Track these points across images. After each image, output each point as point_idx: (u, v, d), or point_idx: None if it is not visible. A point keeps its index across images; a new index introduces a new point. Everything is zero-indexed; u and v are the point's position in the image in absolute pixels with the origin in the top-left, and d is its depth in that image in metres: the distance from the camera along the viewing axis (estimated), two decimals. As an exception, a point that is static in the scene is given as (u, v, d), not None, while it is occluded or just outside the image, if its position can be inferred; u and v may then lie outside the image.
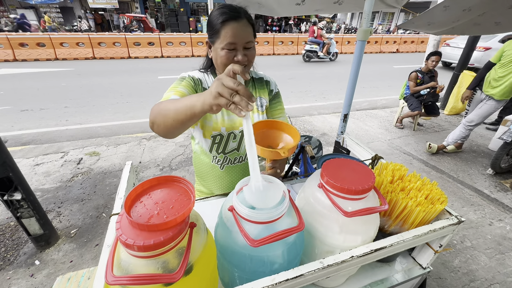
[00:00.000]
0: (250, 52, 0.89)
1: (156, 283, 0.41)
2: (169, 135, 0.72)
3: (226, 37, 0.83)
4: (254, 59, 0.93)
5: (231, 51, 0.85)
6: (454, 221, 0.69)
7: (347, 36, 12.27)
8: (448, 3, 2.90)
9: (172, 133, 0.70)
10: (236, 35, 0.83)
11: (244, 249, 0.53)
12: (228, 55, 0.85)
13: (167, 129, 0.68)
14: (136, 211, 0.47)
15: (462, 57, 4.70)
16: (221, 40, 0.84)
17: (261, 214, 0.50)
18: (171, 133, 0.70)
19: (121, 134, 3.88)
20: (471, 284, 1.71)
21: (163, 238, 0.43)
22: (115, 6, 14.79)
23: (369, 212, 0.56)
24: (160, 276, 0.42)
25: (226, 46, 0.84)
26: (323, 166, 0.64)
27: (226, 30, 0.82)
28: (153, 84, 6.46)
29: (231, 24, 0.82)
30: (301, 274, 0.53)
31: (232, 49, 0.85)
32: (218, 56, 0.88)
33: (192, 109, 0.59)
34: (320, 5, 2.07)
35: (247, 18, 0.86)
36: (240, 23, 0.83)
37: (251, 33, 0.87)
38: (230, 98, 0.52)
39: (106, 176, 2.79)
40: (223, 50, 0.85)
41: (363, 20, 1.06)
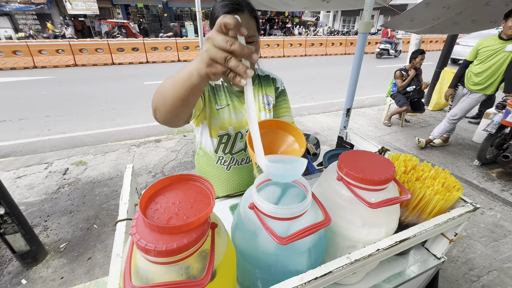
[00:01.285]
0: (253, 47, 0.86)
1: (182, 290, 0.37)
2: (173, 120, 0.62)
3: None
4: (257, 54, 0.90)
5: None
6: (470, 208, 0.68)
7: (331, 38, 12.55)
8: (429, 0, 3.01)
9: (175, 117, 0.60)
10: None
11: (269, 249, 0.49)
12: None
13: (168, 112, 0.58)
14: (151, 213, 0.43)
15: (442, 55, 4.90)
16: None
17: (286, 209, 0.47)
18: (174, 116, 0.60)
19: (108, 142, 3.73)
20: (471, 273, 1.74)
21: (186, 240, 0.39)
22: (95, 12, 14.41)
23: (393, 202, 0.55)
24: (186, 283, 0.38)
25: None
26: (340, 158, 0.62)
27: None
28: (139, 90, 6.30)
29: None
30: (329, 271, 0.50)
31: None
32: None
33: (190, 79, 0.49)
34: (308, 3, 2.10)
35: (250, 11, 0.83)
36: (242, 16, 0.80)
37: (254, 26, 0.84)
38: (225, 64, 0.41)
39: (95, 186, 2.66)
40: None
41: (365, 13, 1.07)
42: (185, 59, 9.98)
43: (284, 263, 0.50)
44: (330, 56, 12.10)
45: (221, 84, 0.96)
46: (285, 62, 10.17)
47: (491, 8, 3.15)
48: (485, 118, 3.38)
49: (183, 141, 3.69)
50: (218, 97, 0.95)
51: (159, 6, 16.75)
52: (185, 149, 3.48)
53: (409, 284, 0.80)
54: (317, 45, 11.99)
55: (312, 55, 11.91)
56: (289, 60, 10.85)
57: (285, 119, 1.01)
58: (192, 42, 10.05)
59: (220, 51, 0.41)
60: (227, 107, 0.94)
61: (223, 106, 0.94)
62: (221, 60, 0.41)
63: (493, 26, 3.69)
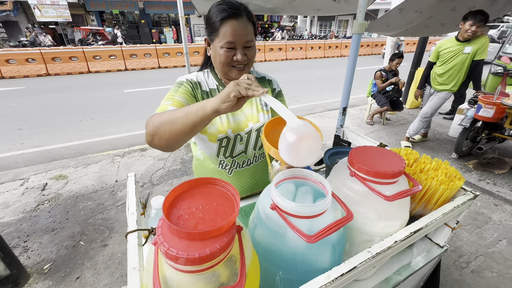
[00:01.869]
0: (250, 51, 0.85)
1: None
2: (172, 145, 0.69)
3: (225, 36, 0.79)
4: (254, 58, 0.89)
5: (231, 50, 0.81)
6: (471, 196, 0.72)
7: (310, 42, 12.91)
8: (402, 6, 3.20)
9: (177, 142, 0.68)
10: (236, 34, 0.78)
11: (295, 248, 0.49)
12: (227, 54, 0.82)
13: (172, 138, 0.66)
14: (175, 219, 0.41)
15: (415, 56, 5.19)
16: (220, 38, 0.80)
17: (310, 207, 0.47)
18: (176, 141, 0.68)
19: (89, 153, 3.55)
20: (460, 260, 1.83)
21: (219, 245, 0.37)
22: (67, 19, 13.81)
23: (407, 194, 0.56)
24: (222, 290, 0.36)
25: (225, 45, 0.80)
26: (351, 155, 0.63)
27: (226, 29, 0.78)
28: (119, 98, 6.09)
29: (231, 22, 0.78)
30: (354, 267, 0.50)
31: (231, 48, 0.81)
32: (217, 55, 0.84)
33: (204, 108, 0.62)
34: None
35: (248, 16, 0.82)
36: (240, 21, 0.79)
37: (251, 31, 0.83)
38: (247, 86, 0.59)
39: (79, 200, 2.51)
40: (222, 49, 0.81)
41: (358, 14, 1.11)
42: (165, 66, 9.79)
43: (310, 261, 0.49)
44: (310, 59, 12.43)
45: (216, 88, 0.94)
46: (267, 66, 10.30)
47: (457, 13, 3.41)
48: (459, 113, 3.60)
49: (170, 149, 3.60)
50: None
51: (135, 12, 16.39)
52: (172, 156, 3.39)
53: (416, 274, 0.82)
54: (297, 49, 12.27)
55: (293, 59, 12.16)
56: (270, 64, 11.00)
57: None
58: (173, 49, 9.90)
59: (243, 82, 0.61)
60: None
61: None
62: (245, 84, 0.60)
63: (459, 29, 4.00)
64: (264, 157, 1.05)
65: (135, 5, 15.34)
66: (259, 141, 0.98)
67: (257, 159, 1.01)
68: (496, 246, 1.95)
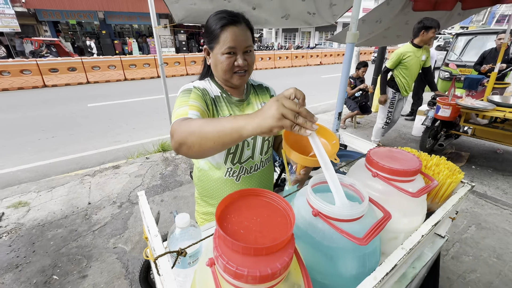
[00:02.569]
0: (250, 56, 0.88)
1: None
2: (202, 156, 0.68)
3: (226, 41, 0.81)
4: (253, 64, 0.91)
5: (231, 55, 0.84)
6: (469, 187, 0.79)
7: (278, 52, 13.41)
8: (364, 17, 3.50)
9: (207, 154, 0.65)
10: (236, 39, 0.81)
11: (342, 252, 0.48)
12: (228, 60, 0.84)
13: (202, 152, 0.62)
14: (233, 236, 0.38)
15: (376, 64, 5.67)
16: (221, 45, 0.82)
17: (355, 210, 0.47)
18: (206, 155, 0.65)
19: (53, 175, 3.20)
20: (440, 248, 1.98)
21: (287, 258, 0.36)
22: (15, 29, 12.57)
23: (429, 190, 0.60)
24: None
25: (226, 51, 0.82)
26: (368, 157, 0.66)
27: (226, 35, 0.81)
28: (83, 113, 5.64)
29: (231, 28, 0.81)
30: (395, 265, 0.51)
31: (232, 53, 0.83)
32: (218, 62, 0.85)
33: (240, 131, 0.54)
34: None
35: (246, 23, 0.85)
36: (239, 27, 0.82)
37: (250, 37, 0.86)
38: (294, 120, 0.49)
39: (46, 229, 2.23)
40: (223, 55, 0.83)
41: (351, 25, 1.19)
42: (132, 78, 9.36)
43: (358, 264, 0.49)
44: (279, 69, 12.85)
45: (220, 95, 0.94)
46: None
47: (409, 26, 3.84)
48: (420, 115, 3.99)
49: (146, 164, 3.40)
50: (220, 108, 0.93)
51: (95, 23, 15.54)
52: (151, 172, 3.20)
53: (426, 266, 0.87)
54: (266, 59, 12.62)
55: (263, 68, 12.47)
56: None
57: None
58: (139, 60, 9.52)
59: (290, 110, 0.49)
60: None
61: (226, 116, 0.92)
62: (292, 116, 0.49)
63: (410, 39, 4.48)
64: (269, 161, 1.05)
65: (94, 15, 14.55)
66: (264, 146, 0.98)
67: (263, 164, 1.01)
68: (467, 232, 2.16)
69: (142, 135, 4.44)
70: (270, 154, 1.05)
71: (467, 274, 1.77)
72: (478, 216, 2.35)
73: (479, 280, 1.73)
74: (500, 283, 1.70)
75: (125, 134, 4.50)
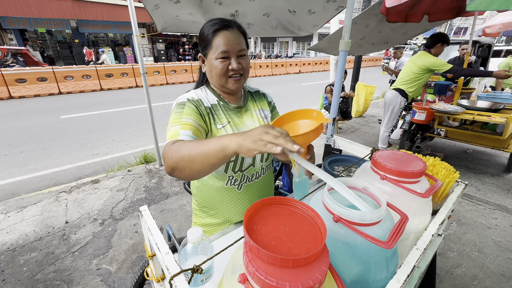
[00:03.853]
0: (244, 60, 0.88)
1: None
2: (195, 178, 0.69)
3: (219, 46, 0.82)
4: (248, 68, 0.92)
5: (225, 60, 0.84)
6: (463, 186, 0.83)
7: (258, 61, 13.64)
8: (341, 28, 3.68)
9: (198, 176, 0.67)
10: (229, 43, 0.82)
11: (365, 257, 0.48)
12: (222, 64, 0.84)
13: (193, 174, 0.64)
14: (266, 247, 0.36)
15: (354, 72, 5.95)
16: (214, 50, 0.83)
17: (376, 213, 0.47)
18: (197, 176, 0.67)
19: (22, 193, 2.94)
20: (427, 246, 2.07)
21: (324, 267, 0.34)
22: (-25, 37, 11.66)
23: (436, 189, 0.62)
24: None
25: (219, 55, 0.83)
26: (374, 160, 0.67)
27: (218, 39, 0.82)
28: (55, 126, 5.29)
29: (223, 32, 0.82)
30: (414, 266, 0.52)
31: (225, 57, 0.84)
32: (212, 67, 0.86)
33: (224, 150, 0.57)
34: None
35: (238, 27, 0.87)
36: (231, 32, 0.83)
37: (243, 41, 0.87)
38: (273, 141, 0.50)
39: (17, 254, 2.02)
40: (217, 60, 0.84)
41: (345, 34, 1.23)
42: (109, 88, 9.00)
43: (381, 268, 0.49)
44: (259, 77, 13.04)
45: (217, 103, 0.93)
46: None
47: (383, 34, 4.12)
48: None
49: (128, 177, 3.24)
50: (218, 116, 0.91)
51: (66, 31, 14.86)
52: (134, 185, 3.05)
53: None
54: (246, 68, 12.76)
55: (244, 77, 12.58)
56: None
57: None
58: (116, 69, 9.21)
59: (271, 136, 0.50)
60: (229, 124, 0.92)
61: (225, 124, 0.91)
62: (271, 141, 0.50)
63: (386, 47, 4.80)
64: (269, 169, 1.04)
65: (66, 23, 13.92)
66: (264, 153, 0.97)
67: (264, 171, 1.00)
68: (450, 228, 2.27)
69: (123, 147, 4.25)
70: (270, 161, 1.04)
71: (454, 269, 1.85)
72: (458, 213, 2.49)
73: (465, 274, 1.82)
74: (484, 276, 1.80)
75: (103, 147, 4.27)
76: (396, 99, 3.56)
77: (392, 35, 4.12)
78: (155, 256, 0.68)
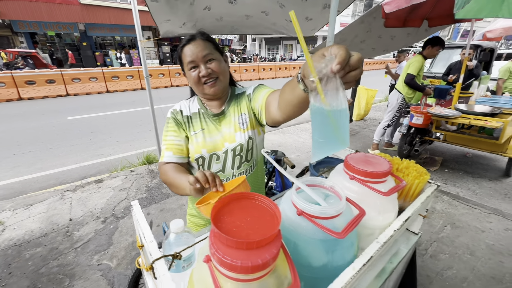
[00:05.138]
0: (214, 64, 0.92)
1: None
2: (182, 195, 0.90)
3: (186, 59, 0.92)
4: (223, 71, 0.95)
5: (195, 69, 0.92)
6: (435, 187, 0.89)
7: (262, 64, 13.75)
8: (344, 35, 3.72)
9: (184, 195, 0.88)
10: (192, 53, 0.91)
11: (323, 247, 0.54)
12: (194, 74, 0.92)
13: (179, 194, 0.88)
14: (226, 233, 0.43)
15: (355, 75, 5.98)
16: (185, 64, 0.94)
17: (333, 208, 0.54)
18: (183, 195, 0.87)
19: (29, 192, 3.06)
20: (420, 248, 2.10)
21: (275, 250, 0.41)
22: (-13, 40, 12.04)
23: (399, 189, 0.68)
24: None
25: (189, 66, 0.92)
26: (346, 162, 0.73)
27: (184, 53, 0.92)
28: (62, 127, 5.45)
29: (187, 47, 0.92)
30: (371, 256, 0.58)
31: (195, 67, 0.92)
32: (189, 79, 0.95)
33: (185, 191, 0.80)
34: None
35: (203, 37, 0.93)
36: (194, 43, 0.92)
37: (209, 47, 0.92)
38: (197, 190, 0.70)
39: (23, 249, 2.12)
40: (189, 72, 0.93)
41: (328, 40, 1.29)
42: (115, 90, 9.20)
43: (338, 257, 0.55)
44: (263, 80, 13.15)
45: (198, 112, 1.01)
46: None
47: (383, 40, 4.15)
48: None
49: (131, 177, 3.33)
50: (193, 124, 1.00)
51: (75, 34, 15.23)
52: (136, 185, 3.14)
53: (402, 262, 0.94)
54: (250, 71, 12.89)
55: (247, 79, 12.71)
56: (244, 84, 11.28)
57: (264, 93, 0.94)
58: (122, 72, 9.41)
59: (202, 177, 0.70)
60: (202, 131, 0.99)
61: (197, 132, 0.99)
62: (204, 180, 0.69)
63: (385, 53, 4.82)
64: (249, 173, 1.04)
65: (74, 27, 14.28)
66: (236, 161, 0.99)
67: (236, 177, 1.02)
68: (443, 231, 2.30)
69: (126, 148, 4.36)
70: (249, 167, 1.03)
71: (445, 271, 1.88)
72: (453, 216, 2.51)
73: (455, 276, 1.84)
74: (474, 278, 1.82)
75: (108, 147, 4.39)
76: (394, 96, 3.82)
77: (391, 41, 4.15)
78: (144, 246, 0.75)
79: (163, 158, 0.96)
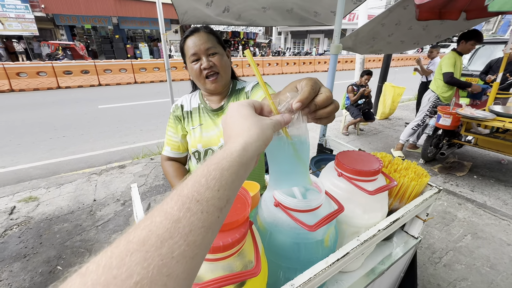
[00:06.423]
0: (216, 58, 0.93)
1: (240, 280, 0.41)
2: None
3: (188, 51, 0.92)
4: (225, 65, 0.95)
5: (197, 61, 0.93)
6: (436, 190, 0.85)
7: (285, 58, 13.55)
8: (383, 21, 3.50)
9: None
10: (195, 45, 0.91)
11: (297, 239, 0.55)
12: (195, 66, 0.93)
13: None
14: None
15: (382, 71, 5.69)
16: (187, 56, 0.94)
17: (309, 202, 0.54)
18: None
19: (62, 172, 3.36)
20: (433, 255, 2.00)
21: (238, 235, 0.43)
22: (34, 33, 13.18)
23: (386, 189, 0.66)
24: (242, 274, 0.41)
25: (191, 59, 0.92)
26: (337, 158, 0.72)
27: (187, 45, 0.92)
28: (93, 114, 5.86)
29: (189, 38, 0.92)
30: (346, 253, 0.58)
31: (197, 59, 0.92)
32: (191, 72, 0.96)
33: None
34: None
35: (206, 30, 0.94)
36: (197, 35, 0.92)
37: (212, 41, 0.93)
38: None
39: (53, 223, 2.36)
40: (191, 64, 0.93)
41: (335, 38, 1.26)
42: (142, 81, 9.65)
43: (311, 250, 0.56)
44: (286, 74, 12.97)
45: (198, 106, 1.04)
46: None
47: (413, 31, 3.84)
48: (422, 123, 3.98)
49: (150, 165, 3.52)
50: (193, 119, 1.03)
51: (109, 27, 16.12)
52: (154, 172, 3.32)
53: (397, 265, 0.92)
54: (273, 65, 12.78)
55: (270, 74, 12.62)
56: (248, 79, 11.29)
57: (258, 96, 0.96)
58: (150, 64, 9.83)
59: None
60: (200, 126, 1.02)
61: (195, 127, 1.02)
62: None
63: (416, 47, 4.48)
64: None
65: (108, 20, 15.11)
66: None
67: None
68: (462, 241, 2.16)
69: (148, 137, 4.59)
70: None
71: (458, 282, 1.78)
72: (475, 226, 2.35)
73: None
74: (491, 292, 1.70)
75: (132, 135, 4.66)
76: (427, 95, 3.59)
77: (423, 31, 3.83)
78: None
79: (163, 151, 1.04)
